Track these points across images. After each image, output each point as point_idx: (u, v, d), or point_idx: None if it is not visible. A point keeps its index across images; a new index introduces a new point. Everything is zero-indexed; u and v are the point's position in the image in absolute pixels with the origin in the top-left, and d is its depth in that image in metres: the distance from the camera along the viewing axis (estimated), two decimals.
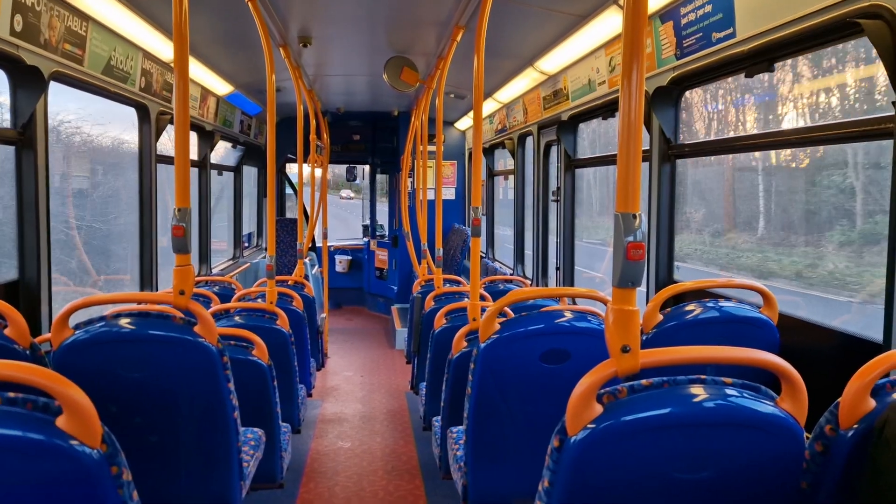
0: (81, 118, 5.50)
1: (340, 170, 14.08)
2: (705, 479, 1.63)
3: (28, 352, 2.45)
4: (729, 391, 1.63)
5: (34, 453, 1.50)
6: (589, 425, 1.58)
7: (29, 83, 3.50)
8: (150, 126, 5.25)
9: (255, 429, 3.35)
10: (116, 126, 5.79)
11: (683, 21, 3.60)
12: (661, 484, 1.63)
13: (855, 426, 1.63)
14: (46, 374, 1.54)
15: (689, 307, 2.94)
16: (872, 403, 1.63)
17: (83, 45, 3.94)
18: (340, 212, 30.41)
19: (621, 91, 1.65)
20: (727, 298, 3.16)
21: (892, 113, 2.36)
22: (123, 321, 2.58)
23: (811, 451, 1.70)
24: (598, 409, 1.60)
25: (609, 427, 1.58)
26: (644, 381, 1.64)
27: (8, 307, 2.47)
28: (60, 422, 1.52)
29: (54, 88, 3.79)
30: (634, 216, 1.63)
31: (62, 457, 1.51)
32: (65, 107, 4.93)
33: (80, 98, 4.51)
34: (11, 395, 1.53)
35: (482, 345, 2.75)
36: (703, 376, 1.66)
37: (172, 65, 5.24)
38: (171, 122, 5.45)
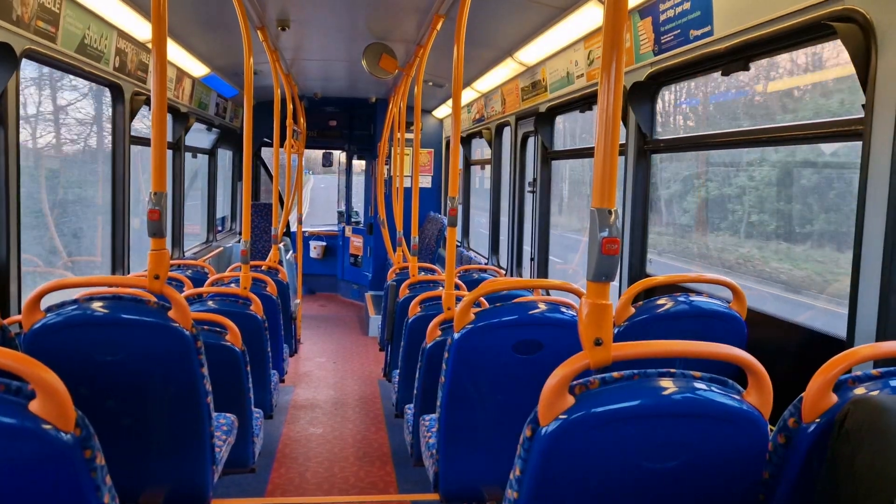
0: None
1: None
2: (672, 469, 1.67)
3: None
4: (697, 384, 1.68)
5: (6, 437, 1.49)
6: (561, 416, 1.61)
7: (0, 60, 3.42)
8: (123, 106, 5.17)
9: (228, 414, 3.35)
10: None
11: (662, 17, 3.63)
12: (629, 473, 1.67)
13: (817, 420, 1.68)
14: (19, 357, 1.52)
15: (661, 301, 3.00)
16: (834, 398, 1.69)
17: (56, 23, 3.87)
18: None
19: (600, 86, 1.67)
20: (698, 293, 3.22)
21: (862, 115, 2.42)
22: (96, 304, 2.55)
23: (774, 443, 1.75)
24: (570, 400, 1.63)
25: (580, 418, 1.61)
26: (615, 374, 1.67)
27: None
28: (33, 406, 1.51)
29: None
30: (610, 212, 1.66)
31: (35, 440, 1.50)
32: None
33: None
34: None
35: (457, 334, 2.77)
36: (672, 369, 1.70)
37: (148, 45, 5.20)
38: (146, 104, 5.38)
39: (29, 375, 1.51)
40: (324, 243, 12.30)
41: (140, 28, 4.89)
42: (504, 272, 7.03)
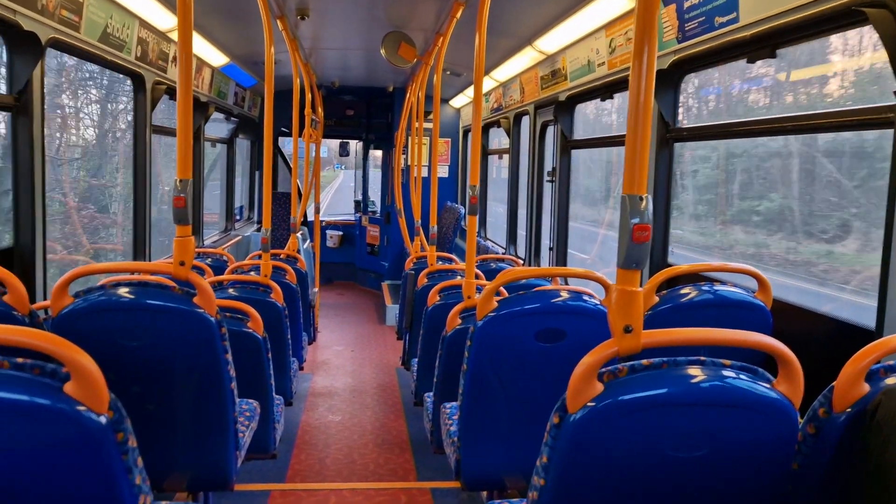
0: None
1: None
2: (701, 458, 1.66)
3: (27, 318, 2.45)
4: (727, 373, 1.67)
5: (42, 418, 1.51)
6: (589, 403, 1.60)
7: (26, 49, 3.45)
8: (145, 96, 5.20)
9: (251, 400, 3.38)
10: None
11: (686, 4, 3.59)
12: (657, 462, 1.66)
13: (848, 410, 1.66)
14: (55, 340, 1.54)
15: (685, 290, 2.97)
16: (866, 388, 1.67)
17: (80, 12, 3.89)
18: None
19: (632, 71, 1.65)
20: (722, 282, 3.20)
21: (893, 102, 2.38)
22: (122, 290, 2.58)
23: (804, 433, 1.73)
24: (599, 387, 1.62)
25: (609, 405, 1.60)
26: (644, 361, 1.67)
27: (7, 273, 2.47)
28: (68, 388, 1.53)
29: None
30: (641, 198, 1.65)
31: (69, 422, 1.52)
32: None
33: None
34: (20, 360, 1.53)
35: (479, 322, 2.77)
36: (702, 357, 1.69)
37: (169, 34, 5.22)
38: (167, 93, 5.41)
39: (64, 358, 1.53)
40: (340, 233, 12.33)
41: (161, 17, 4.90)
42: (522, 262, 7.02)
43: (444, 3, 5.18)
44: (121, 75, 5.18)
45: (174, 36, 5.25)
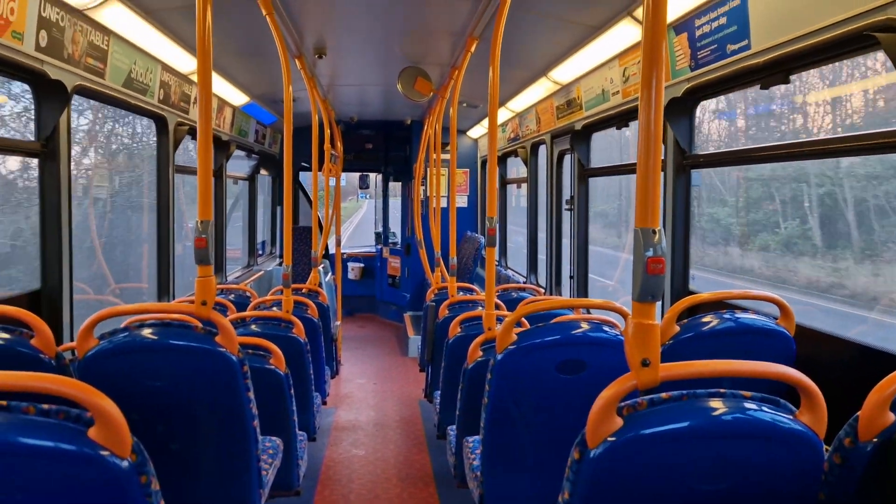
0: None
1: None
2: (724, 491, 1.64)
3: (53, 361, 2.49)
4: (748, 404, 1.65)
5: (67, 463, 1.53)
6: (609, 438, 1.60)
7: (52, 97, 3.56)
8: (168, 137, 5.32)
9: (274, 437, 3.38)
10: None
11: (698, 33, 3.62)
12: (680, 495, 1.64)
13: (874, 440, 1.64)
14: (80, 385, 1.57)
15: (706, 318, 2.95)
16: (892, 417, 1.64)
17: (105, 59, 4.01)
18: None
19: (640, 102, 1.67)
20: (744, 310, 3.16)
21: None
22: (146, 331, 2.62)
23: (830, 463, 1.70)
24: (619, 421, 1.61)
25: (629, 440, 1.59)
26: (663, 394, 1.66)
27: (33, 317, 2.52)
28: (92, 432, 1.55)
29: None
30: (654, 231, 1.65)
31: (94, 467, 1.54)
32: None
33: None
34: (45, 406, 1.57)
35: (499, 355, 2.77)
36: (722, 389, 1.68)
37: (190, 76, 5.36)
38: (189, 133, 5.53)
39: (88, 403, 1.56)
40: (362, 265, 12.40)
41: (183, 61, 5.03)
42: (543, 291, 7.00)
43: (458, 38, 5.26)
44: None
45: (195, 78, 5.38)
